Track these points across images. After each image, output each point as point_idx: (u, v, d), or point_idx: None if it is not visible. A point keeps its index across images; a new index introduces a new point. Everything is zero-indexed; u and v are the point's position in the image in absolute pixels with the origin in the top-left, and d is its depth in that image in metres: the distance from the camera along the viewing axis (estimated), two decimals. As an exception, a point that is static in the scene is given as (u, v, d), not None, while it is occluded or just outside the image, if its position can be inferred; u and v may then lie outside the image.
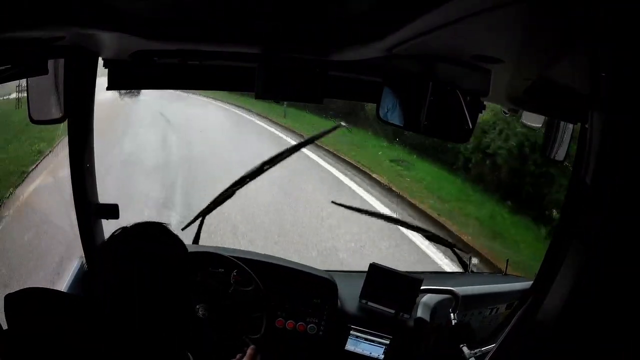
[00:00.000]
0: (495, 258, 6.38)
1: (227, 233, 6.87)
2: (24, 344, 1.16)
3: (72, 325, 1.17)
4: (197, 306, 2.34)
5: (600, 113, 0.81)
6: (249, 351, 1.99)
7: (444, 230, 7.64)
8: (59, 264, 4.96)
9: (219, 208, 2.85)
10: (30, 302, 1.23)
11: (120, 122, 14.45)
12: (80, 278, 2.47)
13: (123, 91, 19.57)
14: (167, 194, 8.59)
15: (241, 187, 2.82)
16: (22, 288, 1.26)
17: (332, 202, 3.22)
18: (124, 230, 1.33)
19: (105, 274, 1.27)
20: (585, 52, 0.82)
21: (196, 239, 2.88)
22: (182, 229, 2.72)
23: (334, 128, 3.20)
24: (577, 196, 0.89)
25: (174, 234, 1.37)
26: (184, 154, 11.77)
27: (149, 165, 10.32)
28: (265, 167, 2.78)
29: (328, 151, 11.88)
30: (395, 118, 2.00)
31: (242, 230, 7.09)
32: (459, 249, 3.23)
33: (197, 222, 2.89)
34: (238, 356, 2.02)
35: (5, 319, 1.26)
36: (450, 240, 3.20)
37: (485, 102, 2.04)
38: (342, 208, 3.18)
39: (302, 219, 8.10)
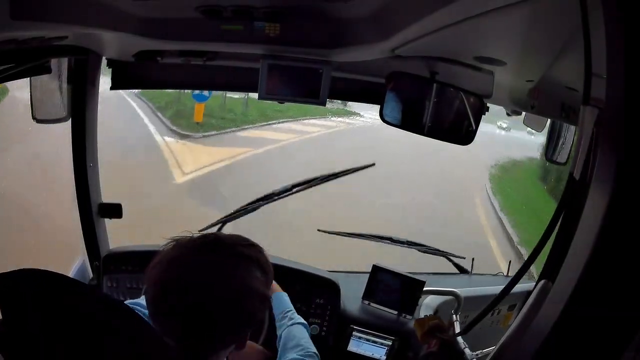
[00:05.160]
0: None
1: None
2: (21, 333, 1.01)
3: (78, 313, 1.03)
4: None
5: (592, 108, 0.82)
6: None
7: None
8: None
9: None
10: (28, 284, 1.04)
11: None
12: (82, 277, 2.48)
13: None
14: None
15: (266, 203, 2.80)
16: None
17: (318, 230, 3.12)
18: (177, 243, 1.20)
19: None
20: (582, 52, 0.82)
21: None
22: (199, 230, 2.67)
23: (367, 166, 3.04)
24: (572, 194, 0.89)
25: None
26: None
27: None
28: (294, 189, 2.78)
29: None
30: (398, 119, 2.00)
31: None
32: (453, 256, 3.21)
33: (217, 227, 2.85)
34: None
35: None
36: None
37: (488, 104, 2.04)
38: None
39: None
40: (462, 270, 3.18)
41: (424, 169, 14.68)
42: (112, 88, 2.32)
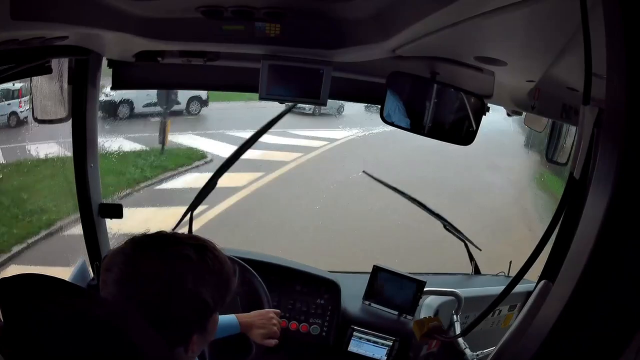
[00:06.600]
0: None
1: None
2: (21, 334, 1.02)
3: (78, 313, 1.04)
4: None
5: (592, 108, 0.82)
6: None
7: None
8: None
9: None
10: (28, 287, 1.07)
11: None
12: (82, 277, 2.48)
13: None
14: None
15: (221, 175, 2.76)
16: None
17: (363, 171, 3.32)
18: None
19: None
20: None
21: None
22: (172, 229, 2.58)
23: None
24: (571, 194, 0.89)
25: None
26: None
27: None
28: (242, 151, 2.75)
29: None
30: (399, 120, 2.00)
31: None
32: (472, 243, 3.17)
33: (187, 219, 2.79)
34: None
35: None
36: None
37: (489, 105, 2.04)
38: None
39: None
40: (471, 258, 3.19)
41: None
42: (112, 88, 2.32)
